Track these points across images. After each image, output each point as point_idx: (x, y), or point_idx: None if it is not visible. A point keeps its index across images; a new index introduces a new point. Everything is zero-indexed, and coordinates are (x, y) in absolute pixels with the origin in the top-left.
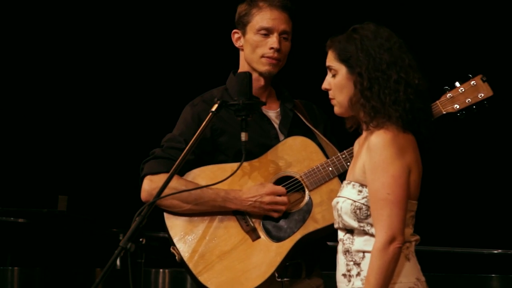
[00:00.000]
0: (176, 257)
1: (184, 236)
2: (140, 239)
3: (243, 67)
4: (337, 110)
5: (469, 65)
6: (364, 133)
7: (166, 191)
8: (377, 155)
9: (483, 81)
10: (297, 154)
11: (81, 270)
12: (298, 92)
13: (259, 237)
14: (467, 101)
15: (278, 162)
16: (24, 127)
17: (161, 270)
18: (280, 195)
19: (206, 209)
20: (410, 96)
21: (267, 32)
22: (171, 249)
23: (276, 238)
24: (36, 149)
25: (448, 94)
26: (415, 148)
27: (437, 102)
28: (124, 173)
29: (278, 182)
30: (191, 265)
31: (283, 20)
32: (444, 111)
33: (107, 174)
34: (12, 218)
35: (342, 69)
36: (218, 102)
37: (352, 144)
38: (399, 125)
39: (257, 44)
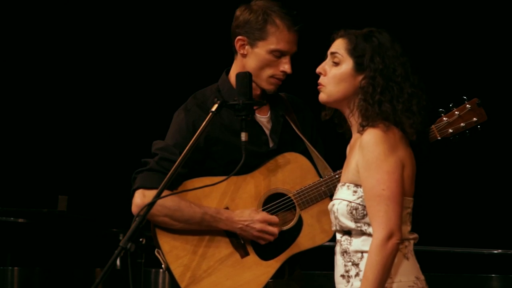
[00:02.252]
0: (162, 265)
1: (174, 249)
2: (140, 239)
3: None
4: (323, 97)
5: (456, 84)
6: (355, 135)
7: (158, 208)
8: (370, 152)
9: (478, 106)
10: (291, 171)
11: (81, 270)
12: (285, 87)
13: (247, 254)
14: (461, 125)
15: (271, 178)
16: (24, 127)
17: (161, 270)
18: (271, 224)
19: (197, 228)
20: (421, 111)
21: (281, 54)
22: (156, 252)
23: (265, 256)
24: (36, 149)
25: (445, 119)
26: (406, 144)
27: (433, 126)
28: (124, 174)
29: (270, 198)
30: (178, 278)
31: (296, 42)
32: (440, 136)
33: (107, 174)
34: (12, 218)
35: (349, 62)
36: (218, 102)
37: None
38: (412, 132)
39: (268, 64)
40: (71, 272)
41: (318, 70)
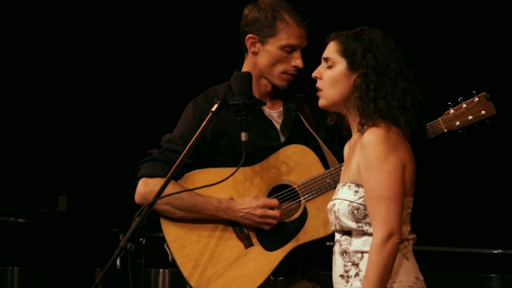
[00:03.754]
0: (169, 257)
1: (178, 239)
2: (140, 239)
3: (251, 70)
4: (322, 102)
5: (464, 79)
6: (356, 135)
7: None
8: (371, 152)
9: (487, 99)
10: (296, 162)
11: (81, 270)
12: (298, 87)
13: (252, 244)
14: (469, 118)
15: (277, 170)
16: (24, 127)
17: (161, 270)
18: (273, 208)
19: (198, 217)
20: (416, 106)
21: (292, 50)
22: (165, 246)
23: (269, 247)
24: (36, 149)
25: (452, 111)
26: (407, 144)
27: (439, 119)
28: (124, 173)
29: (275, 189)
30: (182, 268)
31: (306, 36)
32: (446, 129)
33: (107, 174)
34: (12, 218)
35: (341, 63)
36: (218, 102)
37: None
38: (406, 129)
39: (280, 60)
40: (71, 272)
41: (314, 74)
